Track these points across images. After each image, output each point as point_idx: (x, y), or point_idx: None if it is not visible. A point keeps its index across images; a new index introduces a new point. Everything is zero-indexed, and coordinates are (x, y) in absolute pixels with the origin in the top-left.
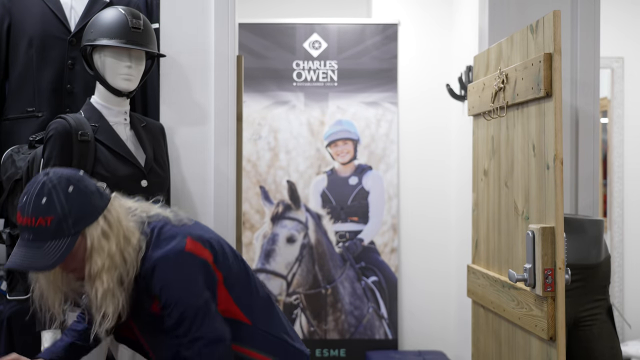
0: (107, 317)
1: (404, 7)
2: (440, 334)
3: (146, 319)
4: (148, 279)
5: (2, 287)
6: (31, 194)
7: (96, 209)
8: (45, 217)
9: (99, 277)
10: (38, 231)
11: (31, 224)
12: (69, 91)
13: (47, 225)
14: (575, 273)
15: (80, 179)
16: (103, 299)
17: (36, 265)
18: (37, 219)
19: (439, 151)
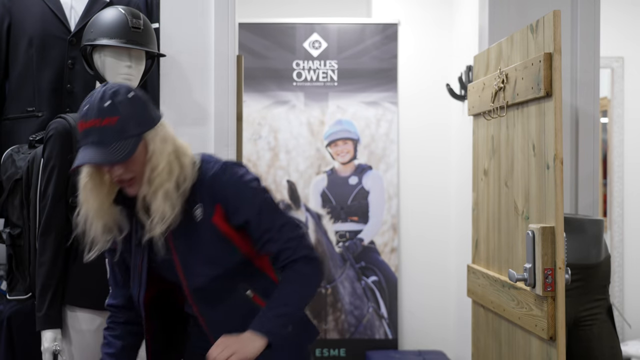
0: (165, 217)
1: (404, 7)
2: (440, 334)
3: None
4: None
5: (2, 287)
6: (93, 100)
7: (154, 117)
8: (111, 118)
9: (160, 179)
10: (104, 131)
11: (97, 125)
12: (69, 91)
13: (113, 125)
14: (575, 273)
15: (137, 90)
16: (163, 200)
17: (107, 159)
18: (103, 119)
19: (439, 151)
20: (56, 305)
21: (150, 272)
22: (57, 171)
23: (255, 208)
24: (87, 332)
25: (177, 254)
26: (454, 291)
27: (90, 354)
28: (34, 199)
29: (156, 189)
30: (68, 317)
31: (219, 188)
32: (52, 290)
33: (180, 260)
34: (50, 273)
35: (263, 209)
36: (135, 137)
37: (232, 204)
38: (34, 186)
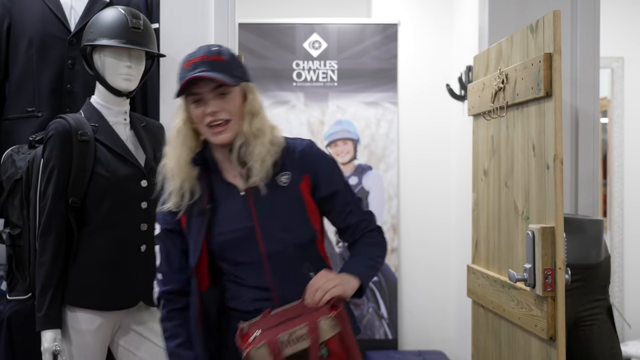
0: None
1: (404, 7)
2: (440, 334)
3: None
4: (306, 158)
5: (2, 287)
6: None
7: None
8: (218, 57)
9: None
10: (213, 63)
11: (206, 59)
12: (69, 91)
13: (221, 62)
14: (575, 273)
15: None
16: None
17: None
18: (211, 55)
19: (439, 151)
20: (56, 305)
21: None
22: (57, 171)
23: (342, 182)
24: (87, 332)
25: (257, 218)
26: (454, 291)
27: (90, 354)
28: (34, 199)
29: (257, 136)
30: (68, 317)
31: (311, 160)
32: (52, 290)
33: (260, 224)
34: (50, 273)
35: (346, 184)
36: (238, 78)
37: (324, 176)
38: (34, 186)
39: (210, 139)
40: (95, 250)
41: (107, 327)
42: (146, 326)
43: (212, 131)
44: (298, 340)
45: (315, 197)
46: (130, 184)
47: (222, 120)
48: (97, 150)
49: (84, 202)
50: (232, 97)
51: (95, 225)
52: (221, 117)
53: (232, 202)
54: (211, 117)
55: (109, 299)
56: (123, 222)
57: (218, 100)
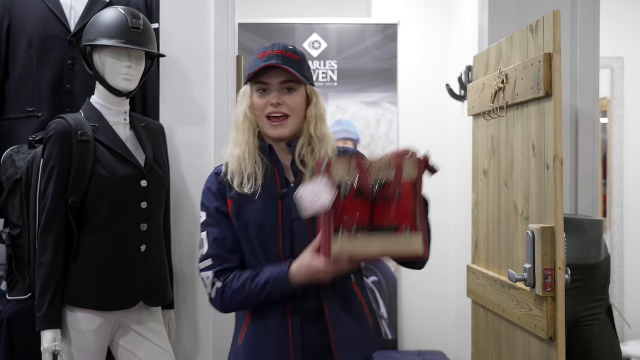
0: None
1: (404, 7)
2: (440, 334)
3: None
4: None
5: (2, 287)
6: (277, 43)
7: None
8: (295, 55)
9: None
10: (288, 59)
11: (283, 54)
12: (69, 91)
13: (296, 59)
14: (575, 273)
15: None
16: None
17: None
18: (288, 52)
19: (439, 151)
20: (56, 305)
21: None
22: (57, 171)
23: None
24: (86, 333)
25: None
26: (454, 292)
27: (90, 354)
28: (34, 199)
29: (322, 140)
30: (68, 318)
31: None
32: (52, 290)
33: (311, 220)
34: (50, 273)
35: None
36: (307, 79)
37: None
38: (34, 186)
39: (268, 131)
40: (95, 251)
41: (107, 327)
42: (146, 326)
43: (271, 123)
44: (381, 170)
45: None
46: (130, 184)
47: (282, 114)
48: (97, 150)
49: (84, 202)
50: (297, 95)
51: (95, 225)
52: (283, 110)
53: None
54: (273, 107)
55: (109, 299)
56: (123, 222)
57: (283, 94)
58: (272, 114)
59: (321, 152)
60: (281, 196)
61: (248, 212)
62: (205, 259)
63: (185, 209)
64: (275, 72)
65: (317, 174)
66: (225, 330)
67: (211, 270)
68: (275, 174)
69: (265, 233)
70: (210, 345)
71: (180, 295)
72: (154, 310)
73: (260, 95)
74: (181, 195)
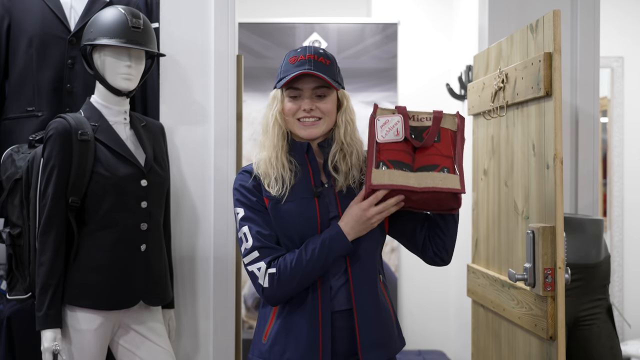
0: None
1: (404, 7)
2: (440, 334)
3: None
4: None
5: (2, 286)
6: (307, 46)
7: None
8: (325, 59)
9: (350, 135)
10: (318, 64)
11: (314, 59)
12: (69, 91)
13: (326, 65)
14: (575, 272)
15: None
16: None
17: (325, 78)
18: (319, 57)
19: None
20: (56, 304)
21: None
22: (57, 171)
23: None
24: (87, 332)
25: (342, 214)
26: (454, 291)
27: (90, 353)
28: (34, 199)
29: (352, 145)
30: (68, 317)
31: None
32: (52, 290)
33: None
34: (50, 273)
35: None
36: (338, 84)
37: None
38: (34, 186)
39: (299, 132)
40: (95, 250)
41: (107, 326)
42: (146, 326)
43: (302, 124)
44: (422, 120)
45: None
46: (130, 184)
47: (315, 118)
48: (97, 149)
49: (84, 202)
50: (329, 100)
51: (95, 224)
52: (315, 115)
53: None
54: (305, 113)
55: (109, 298)
56: (123, 221)
57: (315, 100)
58: (304, 118)
59: (352, 158)
60: (317, 194)
61: (284, 211)
62: (250, 251)
63: (185, 208)
64: (307, 77)
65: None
66: (225, 330)
67: (261, 260)
68: (309, 172)
69: (304, 230)
70: (210, 345)
71: (180, 294)
72: (154, 309)
73: (291, 100)
74: (181, 195)
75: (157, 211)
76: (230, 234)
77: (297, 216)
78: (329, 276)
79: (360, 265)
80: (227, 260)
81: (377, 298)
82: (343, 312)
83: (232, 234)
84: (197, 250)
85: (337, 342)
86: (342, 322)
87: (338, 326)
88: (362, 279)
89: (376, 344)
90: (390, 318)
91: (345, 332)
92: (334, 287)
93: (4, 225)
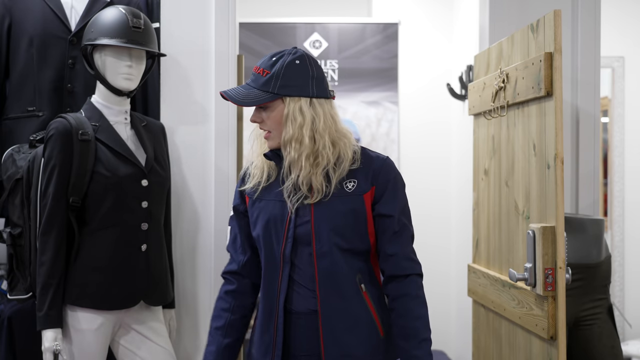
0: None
1: (405, 7)
2: (441, 334)
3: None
4: (379, 170)
5: (2, 286)
6: (275, 53)
7: (305, 90)
8: (266, 70)
9: (293, 144)
10: (256, 78)
11: (255, 71)
12: (70, 90)
13: (262, 76)
14: (575, 272)
15: (314, 65)
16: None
17: (237, 99)
18: (259, 69)
19: (440, 150)
20: (57, 304)
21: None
22: (57, 171)
23: (399, 209)
24: (87, 332)
25: (314, 217)
26: (455, 291)
27: (91, 353)
28: (35, 199)
29: (295, 155)
30: (68, 317)
31: (382, 174)
32: (53, 289)
33: (315, 224)
34: (50, 273)
35: (405, 213)
36: (272, 94)
37: (387, 194)
38: (35, 186)
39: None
40: (96, 250)
41: (108, 326)
42: (147, 326)
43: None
44: None
45: (373, 210)
46: (130, 184)
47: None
48: (98, 149)
49: (85, 202)
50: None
51: (96, 224)
52: (263, 127)
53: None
54: (256, 123)
55: (110, 298)
56: (124, 221)
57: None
58: (261, 130)
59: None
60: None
61: (257, 211)
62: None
63: (186, 208)
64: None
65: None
66: None
67: (225, 267)
68: (280, 180)
69: (270, 233)
70: None
71: (180, 294)
72: (155, 309)
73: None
74: (182, 195)
75: (158, 211)
76: None
77: (265, 220)
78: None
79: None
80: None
81: (350, 302)
82: (307, 314)
83: None
84: (198, 250)
85: (296, 348)
86: (306, 326)
87: (299, 330)
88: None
89: (344, 355)
90: (373, 327)
91: (308, 337)
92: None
93: (5, 225)
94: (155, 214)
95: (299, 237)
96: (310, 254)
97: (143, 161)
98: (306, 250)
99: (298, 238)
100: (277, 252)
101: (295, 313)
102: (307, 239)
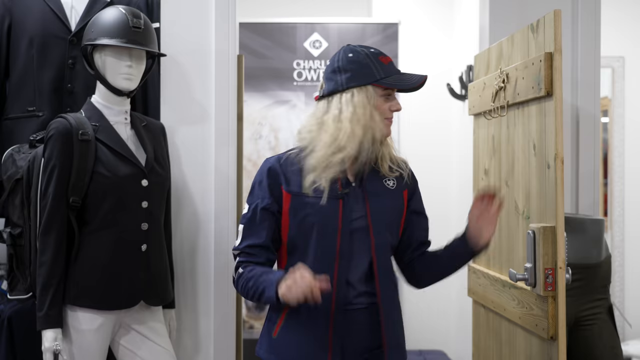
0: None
1: (405, 7)
2: (441, 334)
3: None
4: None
5: (2, 286)
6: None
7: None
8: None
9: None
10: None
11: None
12: (70, 91)
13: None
14: (575, 272)
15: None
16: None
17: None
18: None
19: (440, 150)
20: (57, 304)
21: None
22: (57, 171)
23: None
24: (87, 332)
25: (370, 213)
26: (455, 291)
27: (91, 353)
28: (35, 199)
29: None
30: (68, 317)
31: (413, 178)
32: (53, 289)
33: (372, 219)
34: (50, 273)
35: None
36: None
37: (417, 195)
38: (35, 186)
39: (384, 131)
40: (96, 250)
41: (108, 326)
42: (147, 326)
43: (388, 123)
44: None
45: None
46: (131, 184)
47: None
48: (98, 149)
49: (85, 202)
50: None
51: (96, 224)
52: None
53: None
54: (394, 112)
55: (110, 298)
56: (124, 221)
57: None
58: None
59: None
60: (342, 196)
61: (307, 210)
62: (234, 249)
63: (186, 208)
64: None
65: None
66: (226, 330)
67: (239, 243)
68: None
69: (325, 232)
70: (211, 345)
71: (180, 294)
72: (155, 309)
73: (385, 100)
74: (182, 195)
75: (158, 211)
76: (231, 234)
77: (318, 219)
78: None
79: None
80: (228, 260)
81: (396, 293)
82: (364, 306)
83: (232, 234)
84: (198, 250)
85: (355, 342)
86: (363, 318)
87: (357, 324)
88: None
89: (398, 343)
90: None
91: (366, 329)
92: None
93: (5, 225)
94: (155, 214)
95: (354, 231)
96: (368, 248)
97: (143, 161)
98: (364, 244)
99: (354, 232)
100: (332, 247)
101: (351, 309)
102: (364, 234)
